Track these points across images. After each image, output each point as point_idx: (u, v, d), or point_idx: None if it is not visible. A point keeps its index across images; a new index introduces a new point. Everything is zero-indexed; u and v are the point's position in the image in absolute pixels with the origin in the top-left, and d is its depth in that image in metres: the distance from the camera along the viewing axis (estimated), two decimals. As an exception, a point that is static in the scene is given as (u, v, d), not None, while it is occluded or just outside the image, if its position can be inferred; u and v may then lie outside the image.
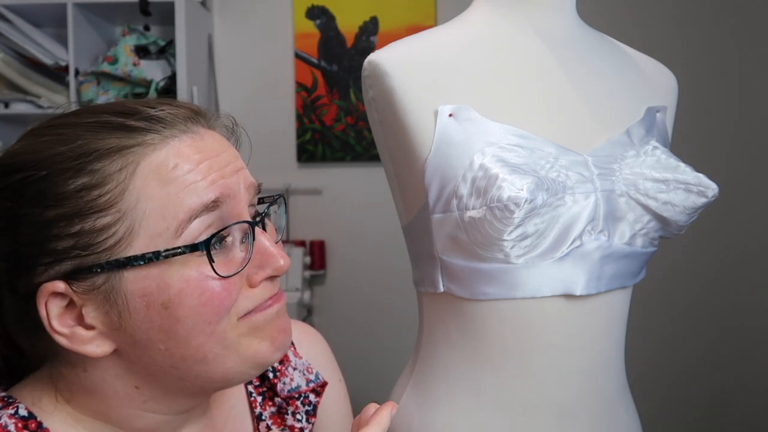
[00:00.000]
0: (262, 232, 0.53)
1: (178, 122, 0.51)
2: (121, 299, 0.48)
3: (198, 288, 0.48)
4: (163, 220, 0.47)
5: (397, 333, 2.34)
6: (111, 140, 0.48)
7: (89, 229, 0.46)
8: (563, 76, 0.78)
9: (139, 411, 0.53)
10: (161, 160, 0.48)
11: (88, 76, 2.13)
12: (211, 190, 0.49)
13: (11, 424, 0.48)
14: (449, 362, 0.77)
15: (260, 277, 0.52)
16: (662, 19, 2.34)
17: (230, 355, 0.51)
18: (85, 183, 0.46)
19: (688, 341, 2.41)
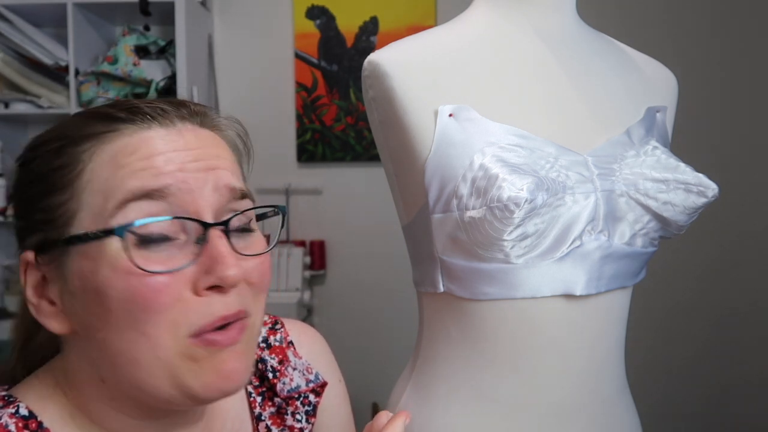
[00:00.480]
0: (221, 236, 0.48)
1: (161, 116, 0.51)
2: (68, 277, 0.48)
3: (122, 281, 0.45)
4: (104, 201, 0.47)
5: (397, 333, 2.34)
6: (91, 128, 0.49)
7: (51, 205, 0.49)
8: (563, 76, 0.78)
9: (111, 409, 0.51)
10: (122, 146, 0.48)
11: (88, 76, 2.13)
12: (159, 178, 0.47)
13: (12, 424, 0.48)
14: (449, 362, 0.77)
15: (204, 283, 0.47)
16: (662, 19, 2.34)
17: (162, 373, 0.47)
18: (58, 164, 0.49)
19: (688, 341, 2.41)
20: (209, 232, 0.48)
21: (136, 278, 0.45)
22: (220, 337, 0.48)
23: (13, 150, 2.35)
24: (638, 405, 0.85)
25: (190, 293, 0.47)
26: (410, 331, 0.91)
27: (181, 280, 0.46)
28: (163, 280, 0.46)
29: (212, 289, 0.47)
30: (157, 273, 0.45)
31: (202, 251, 0.47)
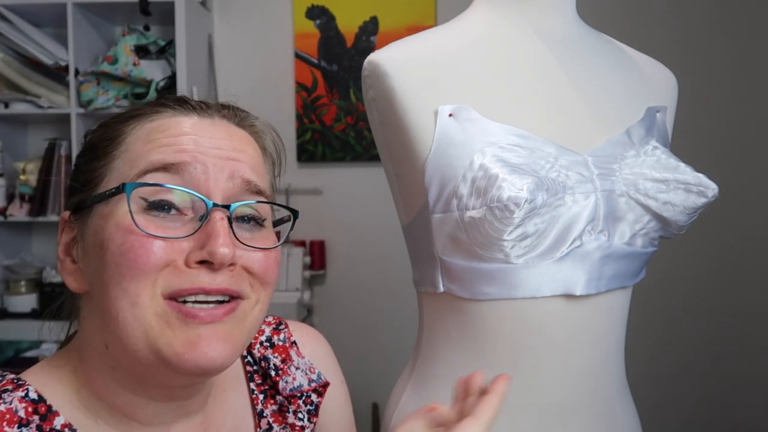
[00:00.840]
0: (220, 219, 0.50)
1: (202, 109, 0.56)
2: (87, 235, 0.53)
3: (121, 237, 0.49)
4: (130, 168, 0.52)
5: (397, 333, 2.34)
6: (141, 109, 0.55)
7: (90, 169, 0.54)
8: (563, 76, 0.78)
9: (112, 381, 0.53)
10: (158, 125, 0.54)
11: (88, 76, 2.13)
12: (179, 154, 0.51)
13: (21, 409, 0.49)
14: (449, 362, 0.77)
15: (195, 257, 0.49)
16: (662, 19, 2.34)
17: (139, 333, 0.48)
18: (106, 135, 0.55)
19: (688, 341, 2.41)
20: (212, 212, 0.50)
21: (134, 237, 0.48)
22: (201, 312, 0.49)
23: (14, 150, 2.35)
24: (638, 405, 0.85)
25: (181, 263, 0.49)
26: (410, 331, 0.91)
27: (176, 249, 0.49)
28: (157, 243, 0.48)
29: (202, 264, 0.49)
30: (153, 236, 0.48)
31: (201, 228, 0.50)
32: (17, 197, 2.22)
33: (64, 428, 0.50)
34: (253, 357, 0.67)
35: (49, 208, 2.19)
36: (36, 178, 2.20)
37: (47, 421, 0.50)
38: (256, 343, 0.67)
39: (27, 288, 2.25)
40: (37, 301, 2.25)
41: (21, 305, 2.23)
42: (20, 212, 2.20)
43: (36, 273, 2.30)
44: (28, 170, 2.21)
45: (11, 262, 2.29)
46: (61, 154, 2.22)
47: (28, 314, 2.23)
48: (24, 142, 2.43)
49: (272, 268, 0.54)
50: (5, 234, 2.33)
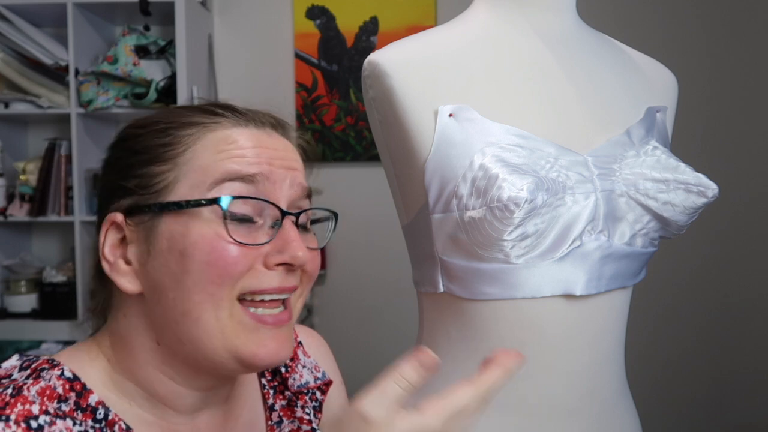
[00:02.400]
0: (291, 225, 0.56)
1: (255, 119, 0.59)
2: (154, 238, 0.55)
3: (210, 245, 0.52)
4: (203, 176, 0.55)
5: (397, 333, 2.34)
6: (195, 117, 0.58)
7: (149, 174, 0.56)
8: (563, 76, 0.78)
9: (159, 374, 0.56)
10: (224, 136, 0.57)
11: (88, 76, 2.13)
12: (252, 166, 0.55)
13: (59, 386, 0.52)
14: (449, 362, 0.77)
15: (276, 260, 0.54)
16: (662, 19, 2.34)
17: (219, 334, 0.53)
18: (163, 141, 0.56)
19: (688, 341, 2.41)
20: (285, 219, 0.55)
21: (223, 244, 0.52)
22: (270, 319, 0.55)
23: (14, 150, 2.35)
24: (638, 405, 0.85)
25: (260, 266, 0.54)
26: (410, 331, 0.91)
27: (257, 255, 0.54)
28: (243, 250, 0.53)
29: (280, 266, 0.55)
30: (240, 243, 0.53)
31: (277, 234, 0.55)
32: (17, 197, 2.22)
33: (98, 405, 0.53)
34: None
35: (49, 208, 2.19)
36: (36, 178, 2.19)
37: (83, 398, 0.53)
38: None
39: (27, 288, 2.25)
40: (37, 301, 2.25)
41: (21, 305, 2.23)
42: (20, 212, 2.20)
43: (36, 273, 2.30)
44: (28, 170, 2.21)
45: (11, 262, 2.29)
46: (61, 154, 2.22)
47: (28, 314, 2.23)
48: (24, 142, 2.43)
49: (318, 268, 0.60)
50: (5, 234, 2.33)
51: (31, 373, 0.53)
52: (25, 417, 0.48)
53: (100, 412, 0.53)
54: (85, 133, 2.18)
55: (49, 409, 0.50)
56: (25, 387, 0.50)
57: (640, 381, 1.19)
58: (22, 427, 0.47)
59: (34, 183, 2.19)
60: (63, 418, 0.50)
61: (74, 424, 0.51)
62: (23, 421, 0.47)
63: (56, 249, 2.44)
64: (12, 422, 0.47)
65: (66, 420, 0.50)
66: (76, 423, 0.51)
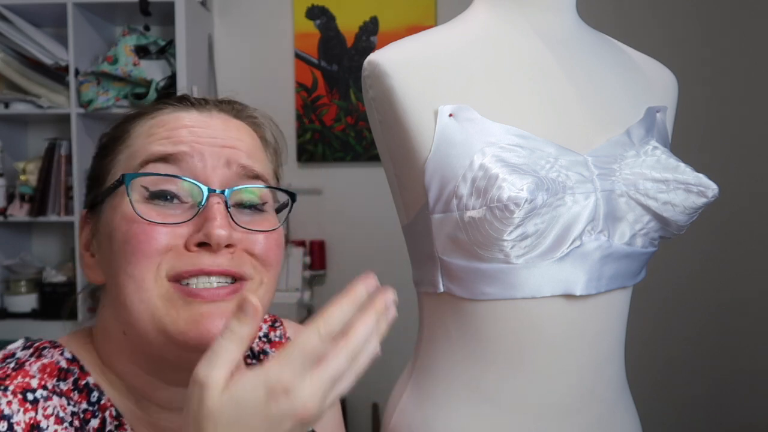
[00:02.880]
0: (219, 202, 0.52)
1: (201, 105, 0.59)
2: (100, 228, 0.56)
3: (126, 225, 0.52)
4: (132, 161, 0.55)
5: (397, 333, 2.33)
6: (146, 108, 0.59)
7: (99, 167, 0.58)
8: (563, 76, 0.77)
9: (131, 365, 0.55)
10: (159, 121, 0.57)
11: (88, 76, 2.13)
12: (177, 146, 0.54)
13: (63, 360, 0.53)
14: (449, 362, 0.77)
15: (194, 239, 0.51)
16: (662, 19, 2.34)
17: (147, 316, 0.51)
18: (114, 135, 0.58)
19: (688, 341, 2.41)
20: (209, 197, 0.53)
21: (136, 225, 0.51)
22: (204, 292, 0.51)
23: (14, 150, 2.35)
24: (638, 405, 0.85)
25: (181, 246, 0.52)
26: (410, 331, 0.91)
27: (176, 234, 0.52)
28: (158, 229, 0.51)
29: (202, 247, 0.52)
30: (154, 223, 0.51)
31: (200, 213, 0.52)
32: (17, 197, 2.22)
33: (94, 386, 0.54)
34: (252, 351, 0.69)
35: (49, 208, 2.18)
36: (36, 178, 2.19)
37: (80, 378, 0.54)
38: (255, 338, 0.70)
39: (27, 288, 2.25)
40: (37, 301, 2.25)
41: (21, 305, 2.23)
42: (20, 212, 2.20)
43: (36, 273, 2.30)
44: (28, 170, 2.21)
45: (11, 262, 2.29)
46: (61, 154, 2.21)
47: (28, 314, 2.23)
48: (24, 142, 2.43)
49: (273, 250, 0.56)
50: (5, 234, 2.33)
51: (34, 351, 0.53)
52: (23, 389, 0.48)
53: (94, 394, 0.53)
54: (85, 133, 2.18)
55: (47, 384, 0.50)
56: (27, 363, 0.51)
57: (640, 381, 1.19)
58: (18, 398, 0.47)
59: (34, 183, 2.19)
60: (59, 395, 0.50)
61: (68, 404, 0.51)
62: (20, 392, 0.48)
63: (56, 249, 2.44)
64: (9, 392, 0.47)
65: (62, 398, 0.50)
66: (71, 403, 0.51)
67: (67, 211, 2.18)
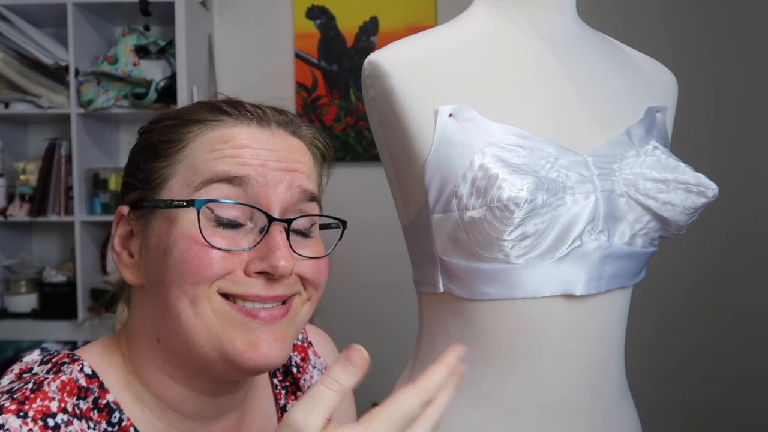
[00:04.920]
0: (279, 232, 0.53)
1: (260, 117, 0.58)
2: (148, 233, 0.55)
3: (186, 245, 0.51)
4: (194, 175, 0.54)
5: (397, 333, 2.33)
6: (201, 114, 0.57)
7: (151, 169, 0.56)
8: (563, 76, 0.77)
9: (161, 374, 0.55)
10: (222, 134, 0.55)
11: (88, 76, 2.13)
12: (242, 168, 0.53)
13: (81, 378, 0.52)
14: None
15: (257, 267, 0.52)
16: (662, 19, 2.34)
17: (201, 326, 0.51)
18: (168, 138, 0.56)
19: (688, 341, 2.40)
20: (272, 225, 0.53)
21: (199, 246, 0.51)
22: (261, 313, 0.52)
23: (14, 150, 2.35)
24: (638, 405, 0.85)
25: (241, 273, 0.52)
26: (410, 331, 0.91)
27: (236, 260, 0.52)
28: (219, 254, 0.51)
29: (261, 275, 0.52)
30: (217, 248, 0.51)
31: (262, 240, 0.52)
32: (17, 197, 2.22)
33: (114, 405, 0.53)
34: None
35: (49, 208, 2.18)
36: (36, 178, 2.19)
37: (101, 396, 0.53)
38: None
39: (27, 288, 2.25)
40: (37, 301, 2.25)
41: (21, 305, 2.23)
42: (20, 212, 2.20)
43: (36, 273, 2.30)
44: (28, 170, 2.21)
45: (11, 262, 2.29)
46: (61, 154, 2.21)
47: (28, 314, 2.23)
48: (24, 142, 2.42)
49: (323, 272, 0.57)
50: (5, 234, 2.33)
51: (52, 367, 0.52)
52: (43, 414, 0.47)
53: (115, 415, 0.53)
54: (85, 133, 2.18)
55: (67, 406, 0.49)
56: (46, 382, 0.49)
57: (641, 381, 1.19)
58: (39, 425, 0.46)
59: (34, 183, 2.19)
60: (80, 418, 0.50)
61: (88, 427, 0.50)
62: (41, 418, 0.47)
63: (56, 249, 2.44)
64: (30, 419, 0.46)
65: (82, 421, 0.50)
66: (90, 426, 0.50)
67: (67, 211, 2.18)
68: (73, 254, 2.20)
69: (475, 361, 0.75)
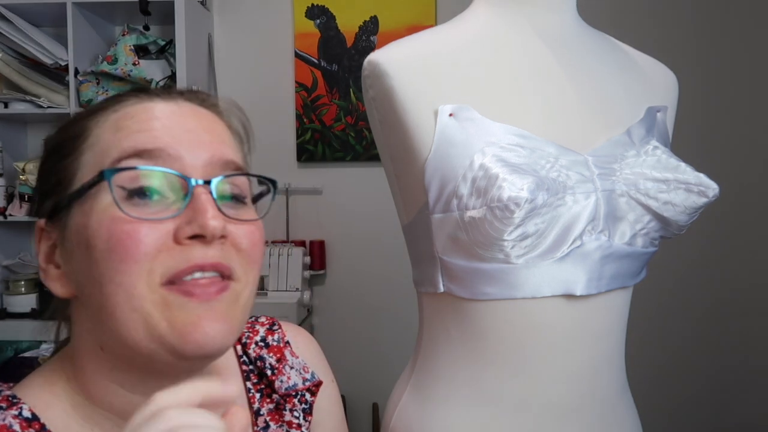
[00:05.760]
0: (206, 193, 0.49)
1: (164, 93, 0.55)
2: (67, 235, 0.51)
3: (106, 231, 0.47)
4: (102, 159, 0.50)
5: (397, 333, 2.33)
6: (103, 103, 0.54)
7: (59, 169, 0.52)
8: (563, 76, 0.77)
9: (110, 383, 0.52)
10: (124, 114, 0.52)
11: (87, 75, 2.13)
12: (152, 141, 0.50)
13: (16, 424, 0.49)
14: (449, 362, 0.77)
15: (185, 232, 0.48)
16: (662, 19, 2.34)
17: (139, 325, 0.48)
18: (70, 134, 0.53)
19: (688, 341, 2.40)
20: (194, 189, 0.49)
21: (120, 225, 0.47)
22: (196, 289, 0.48)
23: (13, 150, 2.35)
24: (638, 405, 0.85)
25: (171, 242, 0.48)
26: (410, 331, 0.91)
27: (163, 231, 0.48)
28: (144, 229, 0.47)
29: (194, 239, 0.48)
30: (139, 219, 0.47)
31: (187, 205, 0.49)
32: (17, 197, 2.22)
33: None
34: (248, 356, 0.67)
35: (48, 208, 2.18)
36: (36, 178, 2.19)
37: None
38: (251, 343, 0.68)
39: (27, 288, 2.25)
40: (36, 301, 2.24)
41: (21, 305, 2.23)
42: (20, 212, 2.20)
43: (36, 273, 2.29)
44: (28, 170, 2.21)
45: (11, 262, 2.29)
46: (61, 154, 2.21)
47: (28, 314, 2.22)
48: (24, 142, 2.42)
49: (258, 245, 0.54)
50: (5, 234, 2.33)
51: None
52: None
53: None
54: (85, 133, 2.18)
55: None
56: None
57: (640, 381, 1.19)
58: None
59: (34, 183, 2.19)
60: None
61: None
62: None
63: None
64: None
65: None
66: None
67: (67, 211, 2.18)
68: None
69: (475, 361, 0.75)
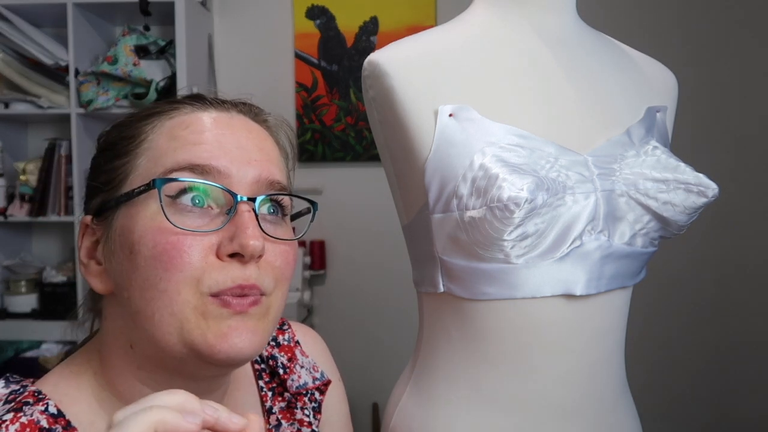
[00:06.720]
0: (249, 211, 0.51)
1: (218, 104, 0.57)
2: (112, 234, 0.52)
3: (153, 239, 0.49)
4: (155, 165, 0.52)
5: (397, 333, 2.34)
6: (158, 107, 0.56)
7: (111, 169, 0.54)
8: (563, 76, 0.77)
9: (136, 381, 0.53)
10: (180, 122, 0.54)
11: (88, 76, 2.13)
12: (203, 156, 0.51)
13: (43, 419, 0.50)
14: (449, 362, 0.77)
15: (226, 249, 0.50)
16: (662, 19, 2.34)
17: (174, 329, 0.49)
18: (126, 134, 0.55)
19: (689, 341, 2.41)
20: (238, 205, 0.51)
21: (166, 236, 0.49)
22: (234, 300, 0.50)
23: (14, 150, 2.35)
24: (638, 405, 0.85)
25: (213, 257, 0.50)
26: (410, 331, 0.91)
27: (206, 244, 0.50)
28: (188, 241, 0.49)
29: (233, 257, 0.50)
30: (185, 231, 0.49)
31: (230, 221, 0.50)
32: (17, 197, 2.22)
33: None
34: (260, 356, 0.69)
35: (49, 208, 2.19)
36: (36, 178, 2.19)
37: None
38: None
39: (27, 288, 2.26)
40: (37, 301, 2.25)
41: (21, 305, 2.23)
42: (20, 212, 2.20)
43: (36, 273, 2.30)
44: (28, 170, 2.21)
45: (11, 262, 2.29)
46: (61, 154, 2.22)
47: (28, 314, 2.23)
48: (24, 142, 2.42)
49: (291, 264, 0.55)
50: (5, 234, 2.33)
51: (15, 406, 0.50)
52: None
53: None
54: (85, 133, 2.18)
55: None
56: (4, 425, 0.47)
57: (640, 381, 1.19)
58: None
59: (34, 183, 2.19)
60: None
61: None
62: None
63: (56, 249, 2.44)
64: None
65: None
66: None
67: (67, 211, 2.18)
68: (73, 254, 2.20)
69: (475, 361, 0.75)
